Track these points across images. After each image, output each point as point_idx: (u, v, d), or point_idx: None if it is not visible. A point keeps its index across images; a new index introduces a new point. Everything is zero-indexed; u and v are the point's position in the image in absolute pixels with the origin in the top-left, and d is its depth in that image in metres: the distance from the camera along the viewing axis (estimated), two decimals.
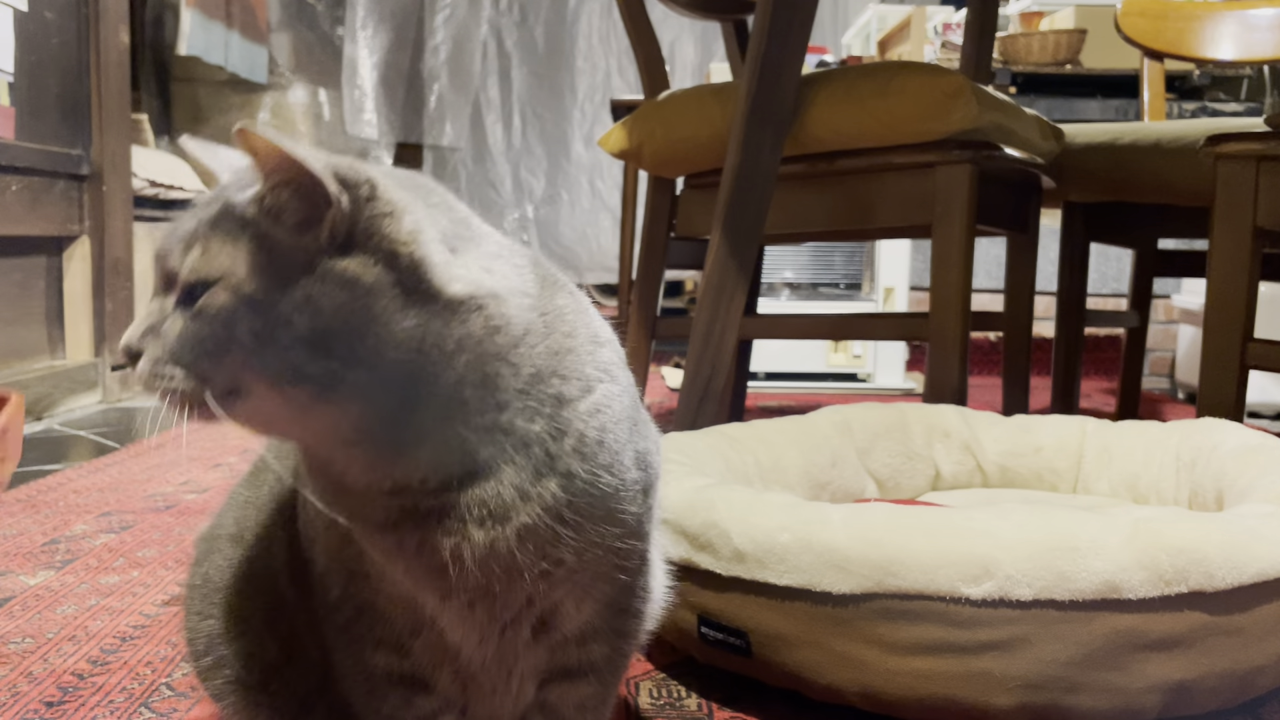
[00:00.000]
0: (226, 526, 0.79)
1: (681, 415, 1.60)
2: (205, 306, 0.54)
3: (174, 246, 0.56)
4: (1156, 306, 3.57)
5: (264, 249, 0.54)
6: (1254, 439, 1.17)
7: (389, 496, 0.58)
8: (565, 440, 0.59)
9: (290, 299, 0.53)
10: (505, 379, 0.57)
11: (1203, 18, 2.51)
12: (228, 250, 0.54)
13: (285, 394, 0.54)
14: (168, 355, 0.54)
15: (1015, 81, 3.66)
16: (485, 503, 0.57)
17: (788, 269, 3.39)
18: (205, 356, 0.54)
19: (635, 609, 0.69)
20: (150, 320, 0.56)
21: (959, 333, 1.54)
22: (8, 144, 2.16)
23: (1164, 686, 0.81)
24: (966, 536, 0.83)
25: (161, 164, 3.17)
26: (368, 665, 0.66)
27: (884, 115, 1.56)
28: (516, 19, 4.90)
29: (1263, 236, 1.44)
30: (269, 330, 0.53)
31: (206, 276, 0.54)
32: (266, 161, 0.53)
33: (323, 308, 0.53)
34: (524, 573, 0.59)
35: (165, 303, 0.56)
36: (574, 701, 0.69)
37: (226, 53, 4.04)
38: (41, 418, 2.29)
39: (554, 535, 0.59)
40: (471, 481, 0.57)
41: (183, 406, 0.54)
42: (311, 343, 0.53)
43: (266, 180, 0.54)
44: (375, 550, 0.61)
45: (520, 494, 0.58)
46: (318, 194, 0.53)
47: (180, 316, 0.55)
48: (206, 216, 0.56)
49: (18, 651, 1.02)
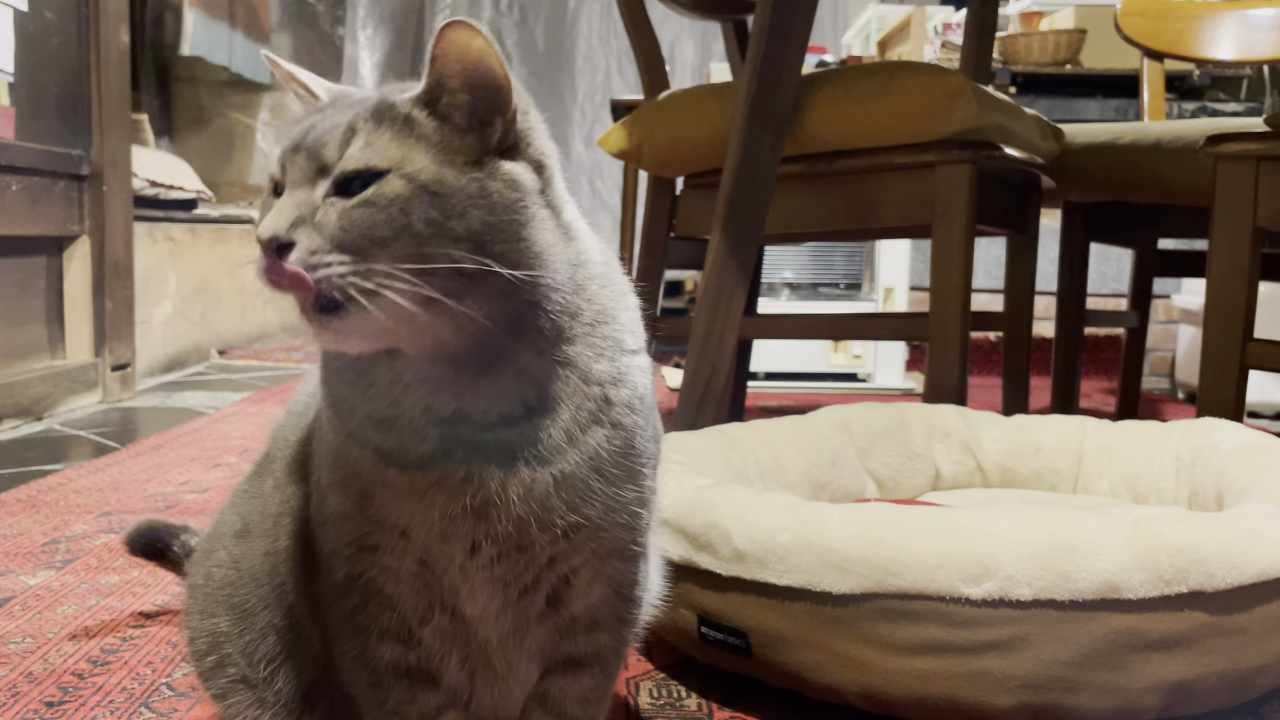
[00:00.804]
0: (230, 524, 0.79)
1: (681, 415, 1.60)
2: (377, 196, 0.55)
3: (325, 140, 0.57)
4: (1156, 306, 3.58)
5: (435, 144, 0.57)
6: (1254, 439, 1.17)
7: (443, 426, 0.59)
8: (622, 389, 0.62)
9: (465, 192, 0.56)
10: (582, 312, 0.61)
11: (1203, 18, 2.51)
12: (396, 143, 0.56)
13: (426, 292, 0.54)
14: (330, 243, 0.54)
15: (1015, 81, 3.67)
16: (536, 442, 0.59)
17: (788, 269, 3.39)
18: (375, 244, 0.54)
19: (637, 597, 0.70)
20: (297, 212, 0.55)
21: (959, 333, 1.54)
22: (8, 144, 2.16)
23: (1164, 686, 0.81)
24: (966, 536, 0.83)
25: (161, 164, 3.18)
26: (373, 657, 0.66)
27: (884, 115, 1.56)
28: (517, 19, 4.91)
29: (1262, 236, 1.44)
30: (443, 219, 0.55)
31: (375, 166, 0.55)
32: (461, 59, 0.56)
33: (494, 203, 0.56)
34: (554, 523, 0.60)
35: (311, 195, 0.56)
36: (576, 695, 0.69)
37: (230, 53, 4.05)
38: (41, 418, 2.29)
39: (587, 488, 0.61)
40: (526, 420, 0.59)
41: (330, 300, 0.54)
42: (476, 236, 0.55)
43: (449, 79, 0.57)
44: (405, 496, 0.60)
45: (568, 438, 0.60)
46: (498, 98, 0.57)
47: (338, 206, 0.55)
48: (361, 113, 0.58)
49: (18, 651, 1.02)
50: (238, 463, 1.90)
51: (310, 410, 0.72)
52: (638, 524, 0.65)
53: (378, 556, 0.63)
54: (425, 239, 0.54)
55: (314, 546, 0.68)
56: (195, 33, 3.81)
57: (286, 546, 0.72)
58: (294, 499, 0.71)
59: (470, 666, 0.67)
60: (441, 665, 0.67)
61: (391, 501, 0.61)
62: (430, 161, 0.56)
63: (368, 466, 0.61)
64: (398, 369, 0.59)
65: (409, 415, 0.59)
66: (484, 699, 0.69)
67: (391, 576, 0.64)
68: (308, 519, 0.69)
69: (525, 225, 0.57)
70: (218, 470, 1.84)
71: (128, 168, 2.61)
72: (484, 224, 0.56)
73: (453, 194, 0.55)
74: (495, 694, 0.69)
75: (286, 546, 0.72)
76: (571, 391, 0.60)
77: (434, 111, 0.58)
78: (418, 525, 0.61)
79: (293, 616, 0.72)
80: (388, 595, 0.64)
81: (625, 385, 0.63)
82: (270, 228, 0.55)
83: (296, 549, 0.70)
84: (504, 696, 0.69)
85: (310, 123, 0.59)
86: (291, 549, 0.71)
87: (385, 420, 0.60)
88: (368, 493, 0.61)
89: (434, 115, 0.57)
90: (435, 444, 0.59)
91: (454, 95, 0.57)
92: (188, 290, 3.13)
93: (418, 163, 0.56)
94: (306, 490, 0.70)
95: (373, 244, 0.54)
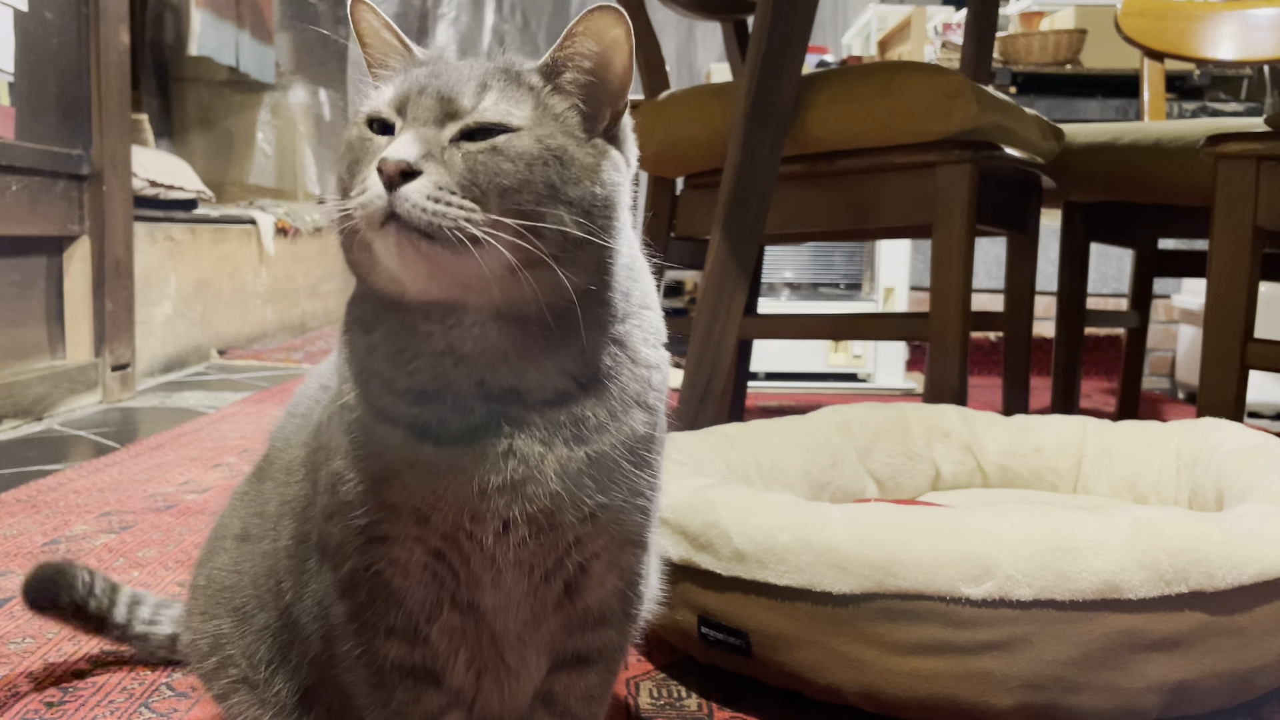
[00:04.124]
0: (230, 528, 0.79)
1: (681, 415, 1.60)
2: (508, 147, 0.58)
3: (458, 88, 0.60)
4: (1156, 306, 3.57)
5: (558, 115, 0.61)
6: (1254, 439, 1.17)
7: (492, 402, 0.60)
8: (657, 374, 0.66)
9: (582, 164, 0.60)
10: (632, 294, 0.65)
11: (1203, 18, 2.51)
12: (530, 105, 0.60)
13: (533, 248, 0.57)
14: (457, 181, 0.57)
15: (1015, 81, 3.67)
16: (580, 421, 0.61)
17: (788, 269, 3.39)
18: (498, 194, 0.57)
19: (641, 593, 0.71)
20: (426, 147, 0.57)
21: (959, 333, 1.54)
22: (8, 144, 2.16)
23: (1164, 686, 0.81)
24: (966, 536, 0.83)
25: (161, 164, 3.18)
26: (377, 655, 0.66)
27: (884, 115, 1.56)
28: (519, 24, 4.92)
29: (1263, 236, 1.44)
30: (561, 184, 0.59)
31: (508, 122, 0.59)
32: (599, 42, 0.61)
33: (603, 180, 0.61)
34: (583, 503, 0.62)
35: (439, 135, 0.58)
36: (581, 692, 0.69)
37: (237, 53, 4.05)
38: (41, 418, 2.29)
39: (618, 469, 0.62)
40: (575, 398, 0.61)
41: (444, 234, 0.56)
42: (585, 206, 0.59)
43: (581, 59, 0.62)
44: (439, 474, 0.60)
45: (611, 417, 0.62)
46: (617, 90, 0.62)
47: (465, 150, 0.58)
48: (492, 71, 0.61)
49: (18, 651, 1.02)
50: (238, 463, 1.90)
51: (314, 411, 0.72)
52: (650, 512, 0.67)
53: (387, 548, 0.63)
54: (543, 197, 0.58)
55: (316, 545, 0.68)
56: (202, 33, 3.81)
57: (287, 546, 0.71)
58: (296, 499, 0.71)
59: (478, 666, 0.67)
60: (447, 664, 0.67)
61: (417, 482, 0.61)
62: (556, 129, 0.60)
63: (396, 444, 0.61)
64: (453, 339, 0.60)
65: (457, 389, 0.61)
66: (490, 699, 0.69)
67: (400, 569, 0.63)
68: (309, 519, 0.69)
69: (618, 206, 0.62)
70: (218, 470, 1.84)
71: (128, 168, 2.61)
72: (592, 196, 0.60)
73: (573, 162, 0.60)
74: (504, 692, 0.69)
75: (287, 546, 0.71)
76: (620, 371, 0.63)
77: (555, 85, 0.62)
78: (448, 505, 0.61)
79: (291, 617, 0.72)
80: (395, 590, 0.64)
81: (662, 371, 0.66)
82: (403, 152, 0.56)
83: (297, 549, 0.70)
84: (513, 695, 0.69)
85: (430, 71, 0.61)
86: (292, 549, 0.71)
87: (427, 394, 0.61)
88: (388, 475, 0.61)
89: (555, 89, 0.62)
90: (482, 418, 0.60)
91: (580, 74, 0.62)
92: (188, 290, 3.13)
93: (547, 127, 0.60)
94: (309, 489, 0.69)
95: (496, 193, 0.57)
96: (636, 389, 0.64)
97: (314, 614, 0.69)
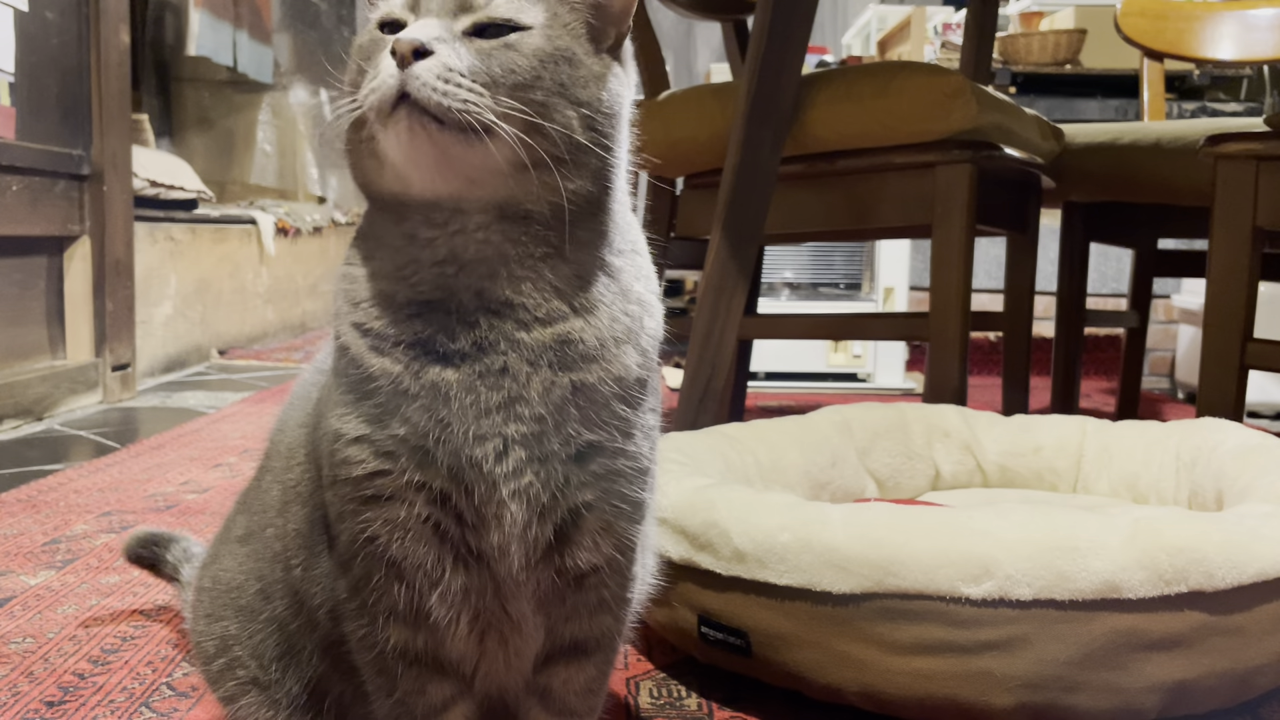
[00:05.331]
0: (234, 530, 0.79)
1: (681, 415, 1.60)
2: (520, 43, 0.59)
3: None
4: (1156, 306, 3.58)
5: (567, 24, 0.62)
6: (1254, 439, 1.17)
7: (489, 315, 0.61)
8: (651, 320, 0.66)
9: (591, 70, 0.62)
10: (624, 232, 0.66)
11: (1203, 18, 2.51)
12: (539, 9, 0.61)
13: (538, 146, 0.58)
14: (468, 69, 0.58)
15: (1015, 81, 3.67)
16: (567, 343, 0.62)
17: (788, 269, 3.39)
18: (507, 87, 0.58)
19: (634, 574, 0.71)
20: (440, 33, 0.58)
21: (959, 333, 1.54)
22: (8, 144, 2.16)
23: (1164, 686, 0.81)
24: (966, 536, 0.83)
25: (162, 164, 3.18)
26: (380, 640, 0.65)
27: (884, 115, 1.56)
28: None
29: (1262, 236, 1.44)
30: (570, 85, 0.60)
31: (519, 21, 0.60)
32: None
33: (609, 89, 0.63)
34: (570, 436, 0.62)
35: (453, 26, 0.60)
36: (578, 686, 0.69)
37: (236, 53, 4.05)
38: (42, 418, 2.29)
39: (606, 407, 0.63)
40: (563, 321, 0.62)
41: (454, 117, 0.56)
42: (590, 111, 0.61)
43: None
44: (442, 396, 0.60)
45: (601, 346, 0.62)
46: (620, 11, 0.64)
47: (477, 44, 0.59)
48: None
49: (18, 651, 1.02)
50: (238, 463, 1.90)
51: (312, 394, 0.72)
52: (643, 482, 0.66)
53: (384, 509, 0.62)
54: (552, 95, 0.59)
55: (319, 520, 0.68)
56: (201, 33, 3.81)
57: (296, 529, 0.71)
58: (301, 482, 0.71)
59: (481, 625, 0.66)
60: (449, 635, 0.65)
61: (420, 410, 0.60)
62: (566, 34, 0.61)
63: (397, 372, 0.61)
64: (455, 245, 0.61)
65: (459, 300, 0.61)
66: (495, 662, 0.68)
67: (399, 532, 0.62)
68: (311, 496, 0.69)
69: (620, 121, 0.64)
70: (218, 470, 1.84)
71: (128, 168, 2.61)
72: (598, 101, 0.61)
73: (582, 66, 0.61)
74: (509, 652, 0.68)
75: (296, 529, 0.71)
76: (610, 301, 0.64)
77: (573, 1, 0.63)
78: (452, 428, 0.60)
79: (300, 597, 0.71)
80: (394, 560, 0.63)
81: (653, 318, 0.66)
82: (416, 33, 0.57)
83: (304, 528, 0.70)
84: (517, 655, 0.68)
85: None
86: (303, 530, 0.71)
87: (430, 305, 0.61)
88: (389, 410, 0.61)
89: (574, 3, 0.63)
90: (484, 332, 0.61)
91: None
92: (188, 290, 3.13)
93: (558, 30, 0.61)
94: (311, 470, 0.69)
95: (505, 86, 0.58)
96: (628, 324, 0.64)
97: (324, 587, 0.69)
